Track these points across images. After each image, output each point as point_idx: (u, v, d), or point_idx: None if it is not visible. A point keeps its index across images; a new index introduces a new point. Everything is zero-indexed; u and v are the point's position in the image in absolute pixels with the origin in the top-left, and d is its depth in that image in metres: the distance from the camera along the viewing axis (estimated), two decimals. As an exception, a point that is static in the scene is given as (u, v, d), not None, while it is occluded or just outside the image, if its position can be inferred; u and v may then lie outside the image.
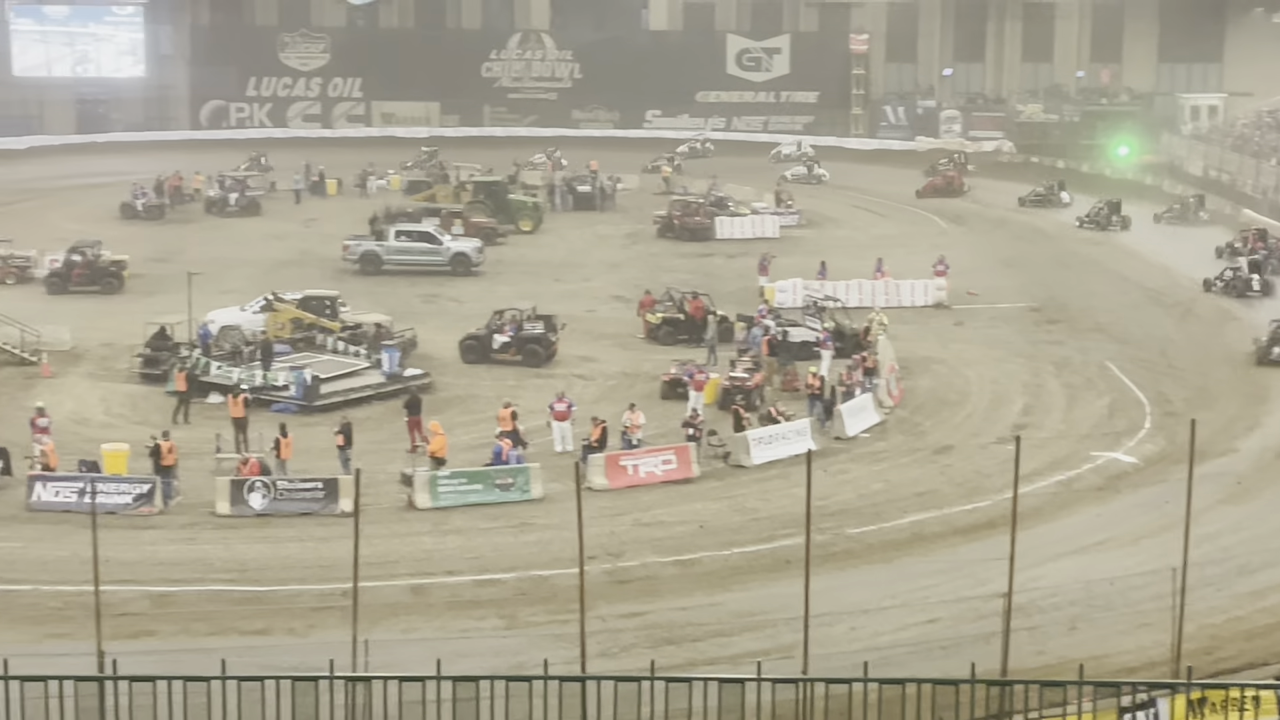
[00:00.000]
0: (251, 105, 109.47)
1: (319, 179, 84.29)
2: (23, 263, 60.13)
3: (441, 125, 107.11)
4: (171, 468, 36.21)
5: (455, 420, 41.61)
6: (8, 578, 31.34)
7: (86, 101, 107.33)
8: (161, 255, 63.63)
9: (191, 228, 72.87)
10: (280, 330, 48.46)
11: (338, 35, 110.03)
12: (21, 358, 47.17)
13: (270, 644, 27.81)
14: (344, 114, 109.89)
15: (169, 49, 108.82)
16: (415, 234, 63.46)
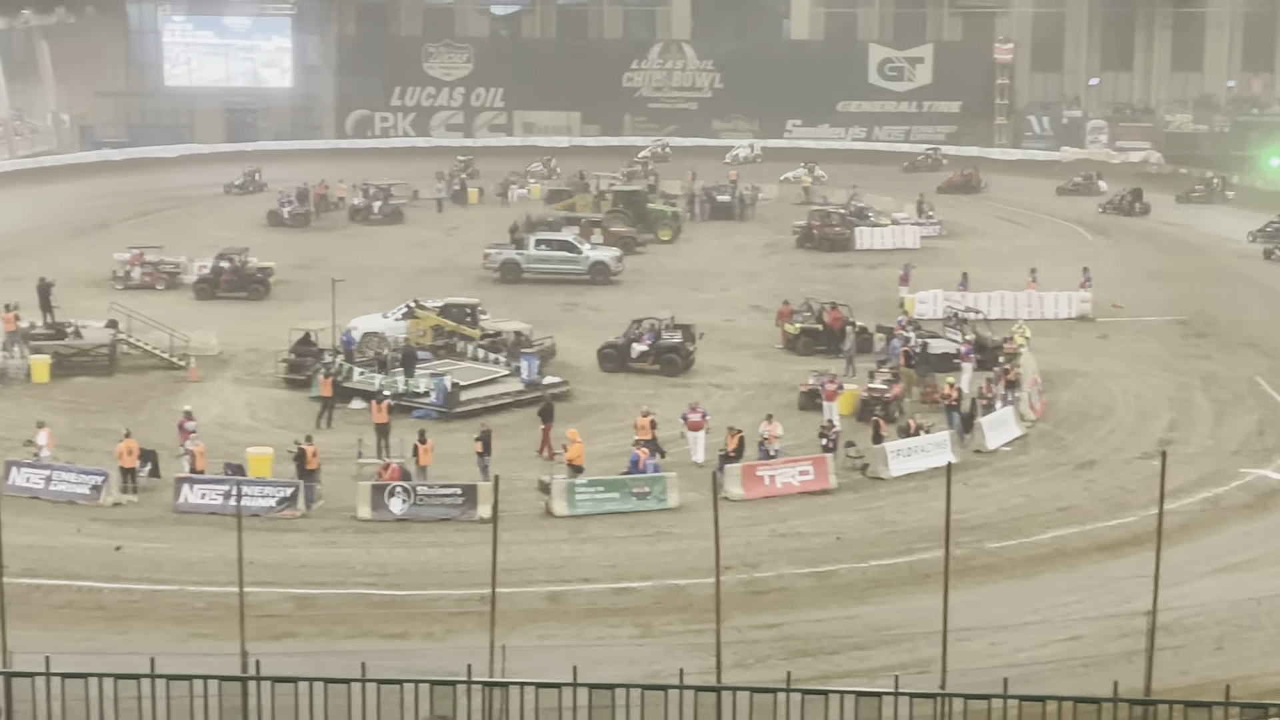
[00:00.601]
0: (395, 115, 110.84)
1: (460, 188, 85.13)
2: (172, 269, 61.30)
3: (582, 134, 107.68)
4: (314, 472, 36.69)
5: (593, 428, 41.72)
6: (155, 578, 31.90)
7: (235, 111, 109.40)
8: (306, 262, 64.58)
9: (336, 235, 73.90)
10: (421, 337, 48.96)
11: (480, 45, 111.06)
12: (170, 362, 48.06)
13: (409, 648, 28.08)
14: (486, 123, 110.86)
15: (316, 59, 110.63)
16: (555, 243, 63.81)
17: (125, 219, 76.95)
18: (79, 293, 55.78)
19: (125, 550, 33.27)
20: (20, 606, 27.52)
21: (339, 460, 38.65)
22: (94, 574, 31.97)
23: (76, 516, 35.47)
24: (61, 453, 38.67)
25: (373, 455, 39.04)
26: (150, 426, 41.24)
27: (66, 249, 67.77)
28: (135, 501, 36.61)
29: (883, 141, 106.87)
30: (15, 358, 47.16)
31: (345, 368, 45.16)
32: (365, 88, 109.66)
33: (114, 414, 43.16)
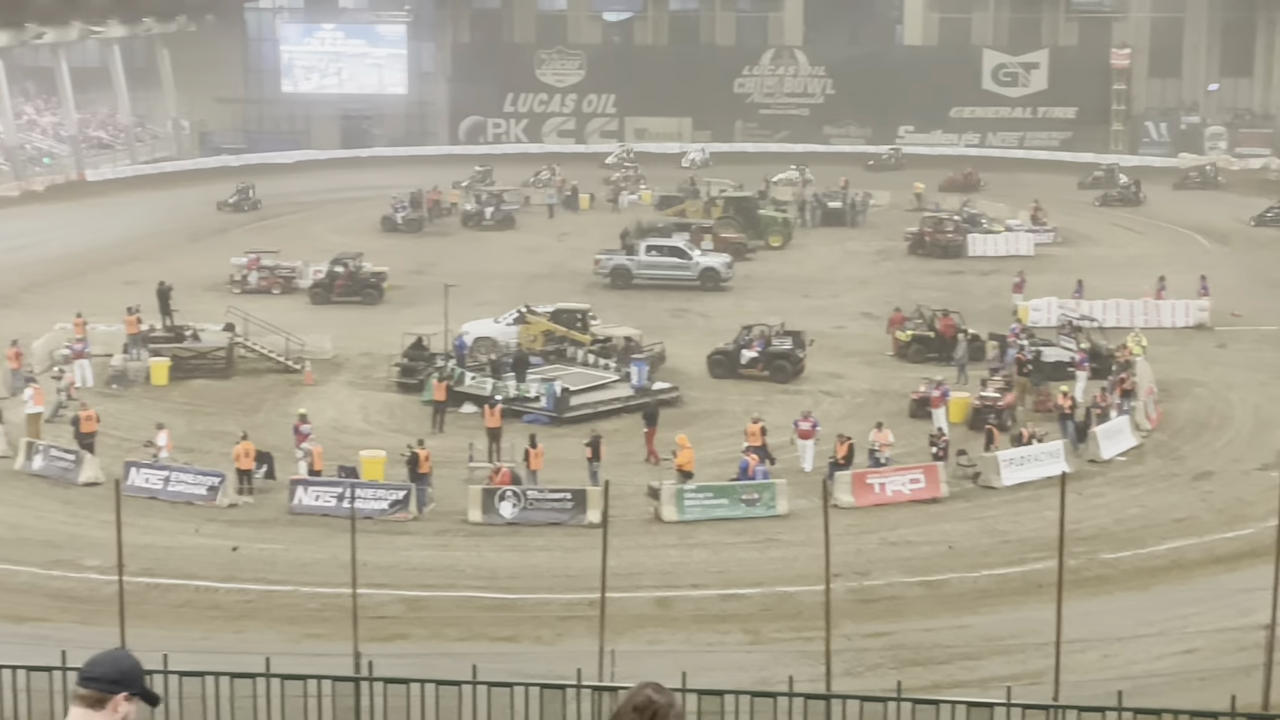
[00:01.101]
0: (508, 121, 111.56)
1: (572, 194, 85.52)
2: (288, 273, 62.10)
3: (693, 140, 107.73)
4: (426, 475, 37.01)
5: (702, 434, 41.71)
6: (269, 578, 32.34)
7: (350, 117, 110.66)
8: (419, 267, 65.13)
9: (448, 241, 74.47)
10: (532, 342, 49.24)
11: (593, 52, 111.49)
12: (286, 365, 48.68)
13: (519, 651, 28.26)
14: (598, 129, 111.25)
15: (430, 66, 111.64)
16: (665, 249, 63.90)
17: (243, 224, 78.09)
18: (197, 297, 56.64)
19: (241, 551, 33.75)
20: (139, 605, 28.07)
21: (450, 464, 38.95)
22: (210, 574, 32.46)
23: (194, 517, 36.02)
24: (179, 454, 39.32)
25: (484, 459, 39.30)
26: (266, 429, 41.79)
27: (185, 253, 68.90)
28: (251, 503, 37.13)
29: (996, 148, 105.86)
30: (135, 360, 48.00)
31: (457, 372, 45.49)
32: (478, 94, 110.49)
33: (230, 416, 43.80)
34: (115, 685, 6.29)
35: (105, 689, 6.31)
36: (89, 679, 6.30)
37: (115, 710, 6.33)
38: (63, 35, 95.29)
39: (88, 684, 6.30)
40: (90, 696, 6.30)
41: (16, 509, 36.55)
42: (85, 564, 32.37)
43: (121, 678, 6.29)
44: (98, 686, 6.29)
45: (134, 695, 6.36)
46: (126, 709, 6.35)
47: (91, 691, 6.30)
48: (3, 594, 31.31)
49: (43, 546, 33.84)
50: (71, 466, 38.48)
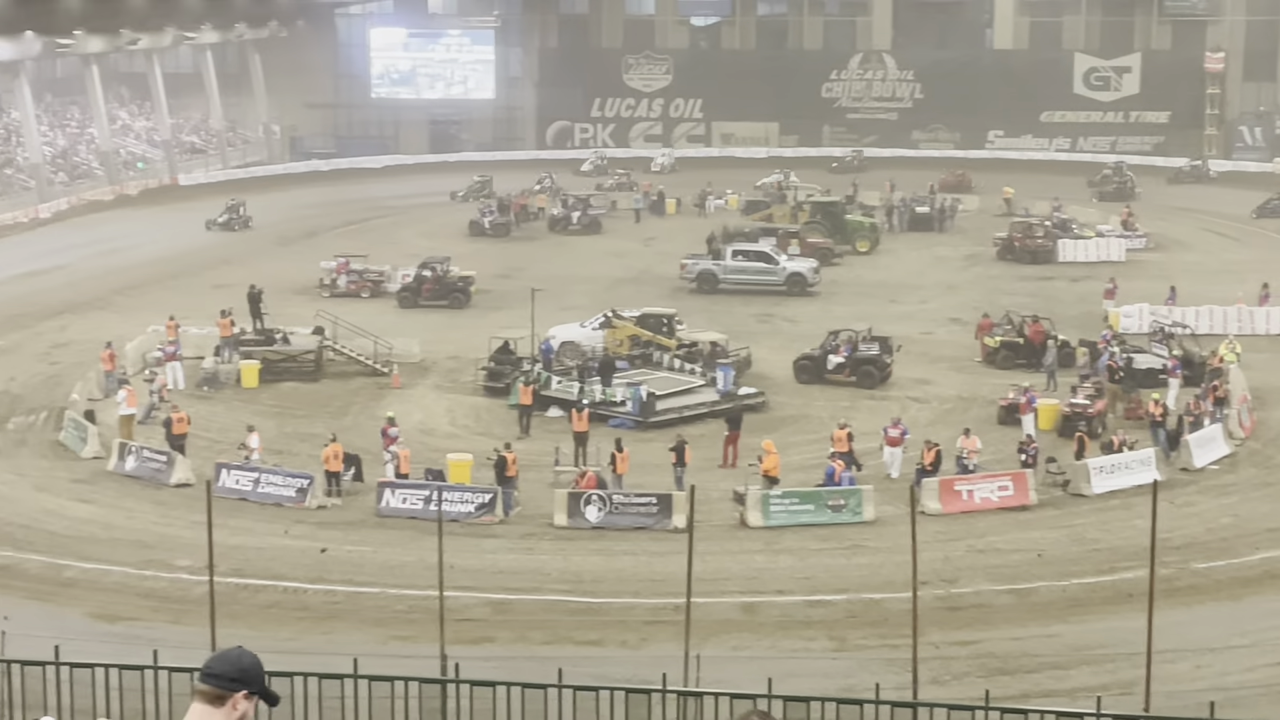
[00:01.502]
0: (595, 125, 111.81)
1: (658, 199, 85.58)
2: (377, 277, 62.54)
3: (780, 145, 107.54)
4: (513, 479, 37.13)
5: (788, 440, 41.59)
6: (357, 580, 32.55)
7: (439, 122, 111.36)
8: (506, 271, 65.39)
9: (535, 245, 74.72)
10: (618, 347, 49.29)
11: (680, 57, 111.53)
12: (374, 369, 49.02)
13: (604, 655, 28.26)
14: (684, 134, 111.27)
15: (518, 71, 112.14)
16: (752, 254, 63.79)
17: (332, 228, 78.77)
18: (287, 300, 57.15)
19: (329, 552, 33.98)
20: (229, 605, 28.33)
21: (536, 468, 39.07)
22: (299, 575, 32.72)
23: (283, 519, 36.33)
24: (269, 456, 39.66)
25: (570, 463, 39.38)
26: (354, 431, 42.08)
27: (275, 257, 69.57)
28: (339, 505, 37.40)
29: (1087, 152, 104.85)
30: (226, 363, 48.51)
31: (543, 376, 45.62)
32: (566, 99, 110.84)
33: (319, 419, 44.16)
34: (235, 683, 6.36)
35: (225, 686, 6.37)
36: (209, 675, 6.37)
37: (234, 708, 6.39)
38: (157, 41, 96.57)
39: (208, 680, 6.37)
40: (210, 693, 6.37)
41: (110, 509, 37.03)
42: (176, 564, 32.73)
43: (241, 676, 6.35)
44: (217, 683, 6.35)
45: (253, 694, 6.42)
46: (245, 707, 6.40)
47: (211, 688, 6.36)
48: (96, 593, 31.73)
49: (135, 547, 34.27)
50: (163, 468, 38.93)
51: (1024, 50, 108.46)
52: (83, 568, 33.04)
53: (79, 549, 34.02)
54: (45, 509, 36.74)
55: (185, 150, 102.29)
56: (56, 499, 37.61)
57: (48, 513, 36.50)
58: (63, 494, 38.04)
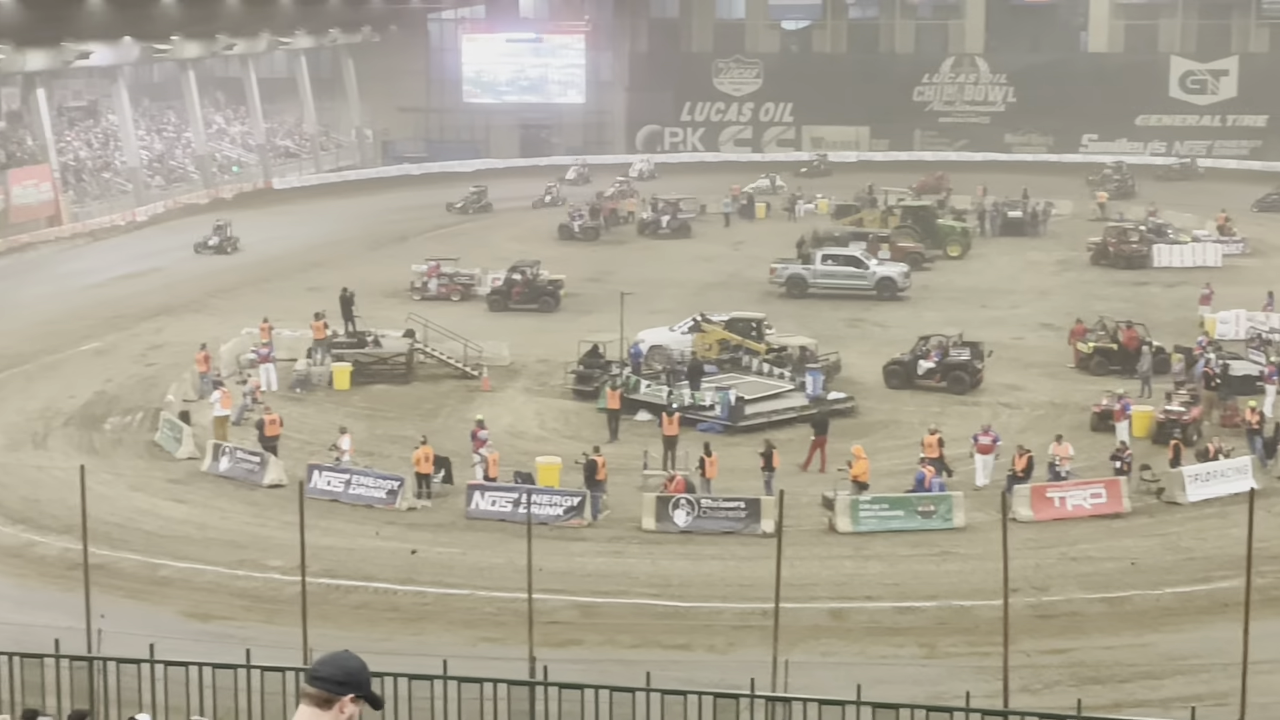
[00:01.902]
0: (685, 130, 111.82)
1: (748, 202, 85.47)
2: (467, 281, 62.86)
3: (871, 149, 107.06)
4: (601, 482, 37.19)
5: (878, 445, 41.39)
6: (447, 581, 32.74)
7: (529, 126, 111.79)
8: (595, 275, 65.52)
9: (624, 249, 74.82)
10: (707, 351, 49.24)
11: (770, 61, 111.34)
12: (464, 371, 49.28)
13: (691, 659, 28.23)
14: (774, 138, 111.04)
15: (608, 75, 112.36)
16: (842, 258, 63.55)
17: (423, 232, 79.27)
18: (378, 303, 57.57)
19: (419, 554, 34.20)
20: (320, 606, 28.59)
21: (624, 471, 39.10)
22: (389, 576, 32.95)
23: (373, 520, 36.59)
24: (360, 458, 39.97)
25: (658, 467, 39.39)
26: (444, 434, 42.29)
27: (367, 260, 70.10)
28: (429, 506, 37.62)
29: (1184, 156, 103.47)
30: (318, 365, 48.93)
31: (632, 380, 45.67)
32: (656, 103, 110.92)
33: (410, 421, 44.44)
34: (342, 686, 6.40)
35: (332, 689, 6.42)
36: (317, 678, 6.41)
37: (341, 711, 6.43)
38: (252, 46, 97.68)
39: (315, 683, 6.42)
40: (318, 695, 6.41)
41: (203, 509, 37.47)
42: (269, 564, 33.08)
43: (348, 679, 6.40)
44: (324, 686, 6.40)
45: (360, 697, 6.46)
46: (352, 710, 6.45)
47: (319, 691, 6.40)
48: (190, 592, 32.12)
49: (228, 546, 34.65)
50: (256, 469, 39.34)
51: (1119, 53, 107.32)
52: (177, 567, 33.46)
53: (173, 548, 34.46)
54: (140, 509, 37.24)
55: (279, 154, 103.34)
56: (152, 499, 38.11)
57: (143, 512, 36.99)
58: (158, 494, 38.54)
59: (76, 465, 29.23)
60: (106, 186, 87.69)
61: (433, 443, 39.22)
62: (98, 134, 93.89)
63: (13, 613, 29.22)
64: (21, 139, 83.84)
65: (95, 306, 60.56)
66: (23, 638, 25.28)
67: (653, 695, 21.44)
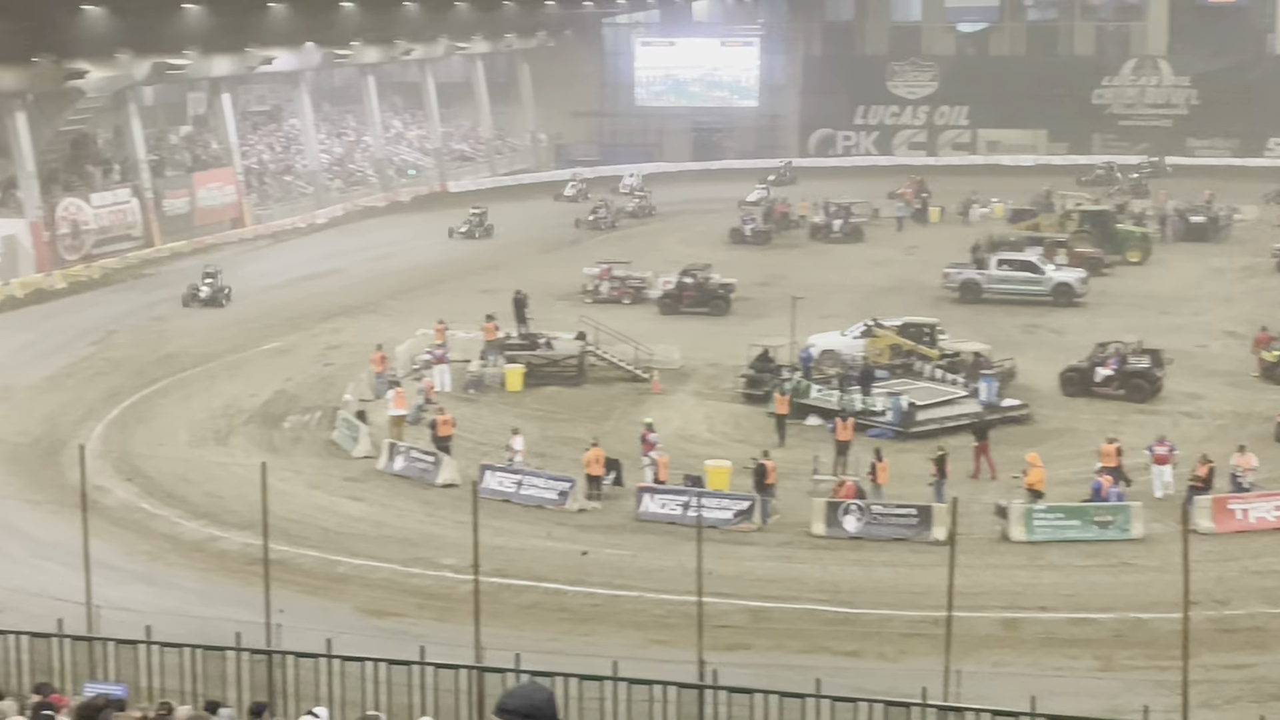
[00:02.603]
0: (858, 133, 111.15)
1: (921, 206, 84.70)
2: (639, 284, 63.13)
3: (1049, 153, 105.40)
4: (771, 486, 37.08)
5: (1053, 454, 40.68)
6: (616, 583, 32.87)
7: (702, 130, 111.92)
8: (766, 279, 65.39)
9: (796, 253, 74.60)
10: (879, 356, 48.86)
11: (946, 64, 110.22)
12: (634, 374, 49.48)
13: (861, 666, 28.03)
14: (949, 141, 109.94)
15: (782, 79, 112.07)
16: (1017, 263, 62.68)
17: (595, 235, 79.77)
18: (550, 306, 58.03)
19: (590, 555, 34.39)
20: (491, 605, 28.82)
21: (793, 476, 38.94)
22: (560, 577, 33.17)
23: (544, 520, 36.88)
24: (531, 459, 40.29)
25: (829, 472, 39.18)
26: (614, 436, 42.48)
27: (539, 263, 70.71)
28: (599, 508, 37.81)
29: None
30: (491, 366, 49.47)
31: (803, 385, 45.49)
32: (829, 106, 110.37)
33: (581, 423, 44.72)
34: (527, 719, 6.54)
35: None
36: (504, 710, 6.62)
37: None
38: (430, 51, 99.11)
39: (502, 714, 6.59)
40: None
41: (379, 507, 38.07)
42: (442, 563, 33.47)
43: (533, 712, 6.58)
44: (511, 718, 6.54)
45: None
46: None
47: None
48: (366, 589, 32.65)
49: (402, 544, 35.16)
50: (430, 468, 39.87)
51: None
52: (353, 563, 34.04)
53: (350, 545, 35.05)
54: (318, 505, 37.95)
55: (455, 158, 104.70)
56: (329, 496, 38.82)
57: (321, 509, 37.69)
58: (335, 491, 39.25)
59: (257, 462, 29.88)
60: (287, 189, 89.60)
61: (603, 445, 39.42)
62: (280, 138, 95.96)
63: (195, 606, 29.96)
64: (207, 143, 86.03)
65: (276, 307, 61.89)
66: (205, 630, 25.95)
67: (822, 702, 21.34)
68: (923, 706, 21.50)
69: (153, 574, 33.32)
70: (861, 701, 21.31)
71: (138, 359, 53.33)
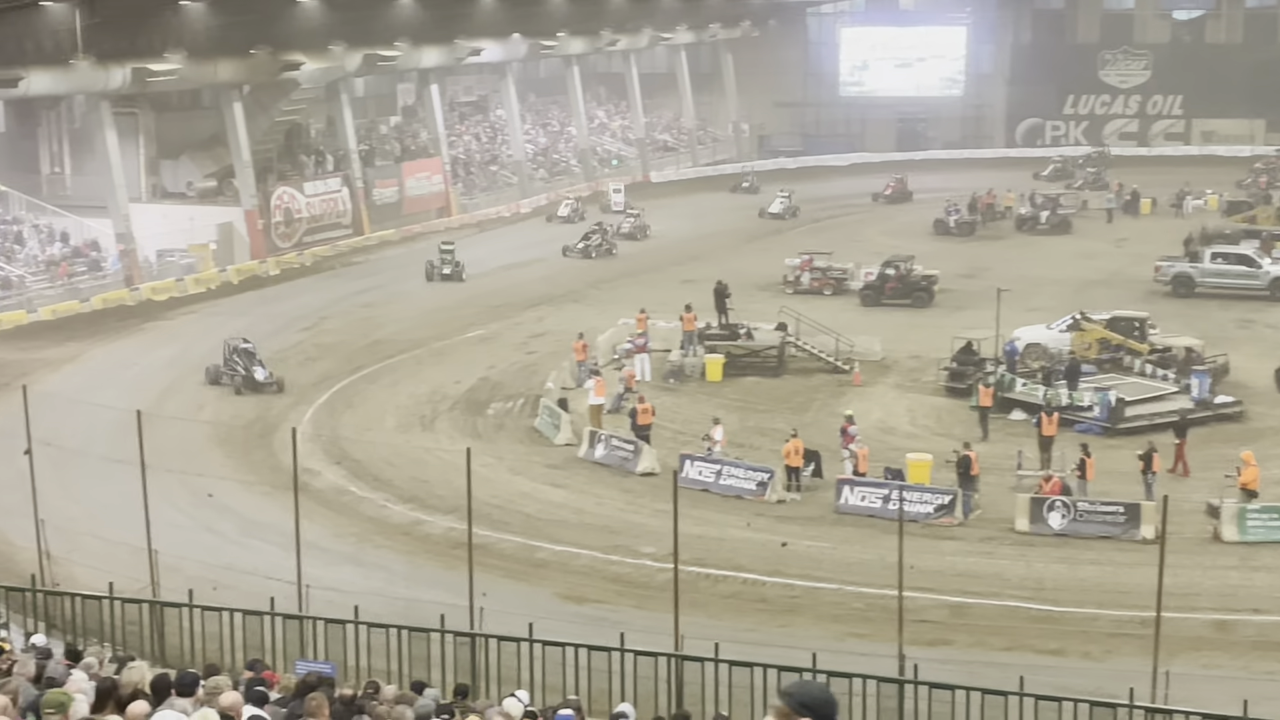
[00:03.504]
0: (1067, 123, 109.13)
1: (1132, 198, 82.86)
2: (840, 275, 62.78)
3: (1266, 143, 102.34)
4: (974, 480, 36.60)
5: (1268, 452, 39.50)
6: (814, 575, 32.74)
7: (906, 120, 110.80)
8: (970, 271, 64.56)
9: (1001, 245, 73.52)
10: (1086, 350, 47.94)
11: (1160, 52, 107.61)
12: (835, 366, 49.22)
13: (1065, 665, 27.53)
14: (1161, 132, 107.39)
15: (989, 68, 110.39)
16: (1232, 256, 61.02)
17: (796, 226, 79.48)
18: (751, 296, 57.96)
19: (789, 547, 34.29)
20: (690, 593, 28.93)
21: (995, 471, 38.39)
22: (758, 567, 33.15)
23: (743, 511, 36.86)
24: (731, 449, 40.29)
25: (1034, 467, 38.55)
26: (814, 428, 42.30)
27: (740, 254, 70.70)
28: (798, 500, 37.69)
29: None
30: (691, 356, 49.59)
31: (1007, 378, 44.82)
32: (1037, 96, 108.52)
33: (780, 414, 44.61)
34: (804, 708, 6.75)
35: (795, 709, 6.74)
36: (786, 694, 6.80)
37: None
38: (634, 42, 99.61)
39: (784, 698, 6.80)
40: (783, 710, 6.77)
41: (579, 495, 38.41)
42: (641, 550, 33.68)
43: (810, 702, 6.73)
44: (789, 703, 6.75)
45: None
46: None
47: (783, 705, 6.77)
48: (566, 575, 32.97)
49: (603, 532, 35.43)
50: (630, 456, 40.11)
51: None
52: (554, 549, 34.39)
53: (550, 531, 35.43)
54: (520, 491, 38.41)
55: (657, 148, 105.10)
56: (531, 482, 39.27)
57: (523, 495, 38.15)
58: (537, 478, 39.68)
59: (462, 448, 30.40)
60: (493, 179, 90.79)
61: (803, 436, 39.28)
62: (486, 128, 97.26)
63: (400, 588, 30.53)
64: (416, 133, 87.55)
65: (480, 295, 62.77)
66: (410, 612, 26.44)
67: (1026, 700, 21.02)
68: (1130, 707, 21.06)
69: (360, 555, 34.05)
70: (1066, 701, 20.93)
71: (347, 345, 54.53)
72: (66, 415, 41.38)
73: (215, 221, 68.92)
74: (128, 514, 30.68)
